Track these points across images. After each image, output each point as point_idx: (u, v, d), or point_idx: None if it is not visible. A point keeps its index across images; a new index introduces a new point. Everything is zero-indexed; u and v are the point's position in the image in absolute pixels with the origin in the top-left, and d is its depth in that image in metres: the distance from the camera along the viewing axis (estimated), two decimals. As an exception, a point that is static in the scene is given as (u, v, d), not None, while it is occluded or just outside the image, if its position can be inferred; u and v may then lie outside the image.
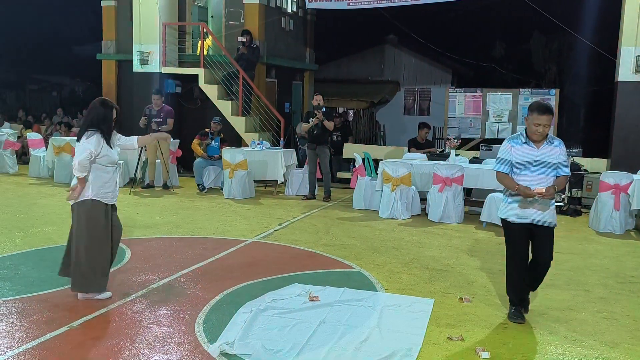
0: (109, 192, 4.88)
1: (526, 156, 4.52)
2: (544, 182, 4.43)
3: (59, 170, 11.87)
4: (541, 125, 4.42)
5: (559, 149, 4.55)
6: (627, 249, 7.42)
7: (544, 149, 4.52)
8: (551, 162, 4.50)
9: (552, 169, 4.51)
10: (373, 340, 4.15)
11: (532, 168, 4.51)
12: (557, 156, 4.52)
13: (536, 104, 4.53)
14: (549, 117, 4.40)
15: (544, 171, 4.49)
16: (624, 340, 4.35)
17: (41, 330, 4.22)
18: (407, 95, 23.08)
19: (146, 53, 13.48)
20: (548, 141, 4.53)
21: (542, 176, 4.48)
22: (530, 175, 4.50)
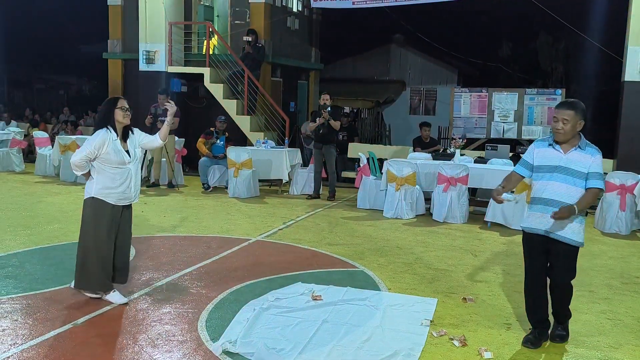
0: (114, 192, 4.70)
1: (550, 160, 4.05)
2: (568, 193, 3.95)
3: (64, 169, 11.90)
4: (559, 120, 3.97)
5: (591, 157, 3.98)
6: (633, 250, 7.39)
7: (572, 154, 4.00)
8: (579, 171, 3.95)
9: (580, 179, 3.96)
10: (375, 340, 4.15)
11: (556, 175, 4.00)
12: (589, 165, 3.95)
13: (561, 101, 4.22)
14: (570, 113, 3.94)
15: (571, 180, 3.96)
16: (628, 341, 4.33)
17: (45, 327, 4.24)
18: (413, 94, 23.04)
19: (152, 52, 13.52)
20: (578, 146, 4.00)
21: (567, 185, 3.96)
22: (552, 182, 4.01)
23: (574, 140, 4.01)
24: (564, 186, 3.97)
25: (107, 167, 4.69)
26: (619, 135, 10.80)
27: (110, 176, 4.70)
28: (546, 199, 4.03)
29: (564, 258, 4.09)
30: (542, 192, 4.07)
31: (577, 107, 3.99)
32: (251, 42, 13.13)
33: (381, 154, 11.56)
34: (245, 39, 13.23)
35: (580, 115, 3.97)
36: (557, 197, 3.97)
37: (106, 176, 4.70)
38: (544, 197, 4.04)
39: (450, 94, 12.95)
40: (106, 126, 4.71)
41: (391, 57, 23.33)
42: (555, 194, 3.98)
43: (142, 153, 5.04)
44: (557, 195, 3.97)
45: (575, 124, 3.96)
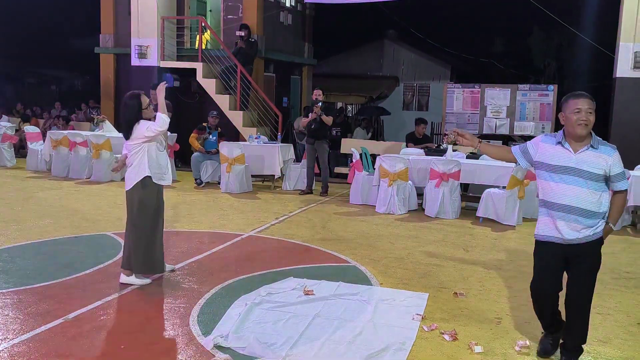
0: (163, 173, 5.23)
1: (558, 159, 3.63)
2: (579, 197, 3.56)
3: (56, 164, 11.86)
4: (583, 110, 3.53)
5: (607, 157, 3.57)
6: (623, 245, 7.44)
7: (583, 154, 3.58)
8: (592, 173, 3.54)
9: (594, 181, 3.55)
10: (367, 334, 4.16)
11: (569, 177, 3.59)
12: (605, 166, 3.56)
13: (569, 94, 3.73)
14: (593, 104, 3.56)
15: (583, 183, 3.55)
16: (617, 336, 4.37)
17: (36, 322, 4.23)
18: (406, 90, 23.08)
19: (144, 47, 13.47)
20: (590, 145, 3.58)
21: (578, 188, 3.56)
22: (561, 185, 3.61)
23: (587, 138, 3.60)
24: (574, 189, 3.58)
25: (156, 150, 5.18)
26: (610, 130, 10.87)
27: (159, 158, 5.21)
28: (555, 204, 3.65)
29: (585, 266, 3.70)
30: (550, 196, 3.67)
31: (593, 100, 3.63)
32: (244, 37, 13.10)
33: (374, 150, 11.57)
34: (238, 34, 13.20)
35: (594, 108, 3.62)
36: (566, 201, 3.59)
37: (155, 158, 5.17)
38: (553, 201, 3.65)
39: (443, 90, 12.98)
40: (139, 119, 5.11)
41: (384, 52, 23.36)
42: (565, 198, 3.59)
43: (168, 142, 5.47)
44: (567, 199, 3.59)
45: (594, 117, 3.58)
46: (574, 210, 3.58)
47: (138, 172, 5.13)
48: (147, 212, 5.14)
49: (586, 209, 3.57)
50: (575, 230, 3.61)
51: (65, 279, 5.27)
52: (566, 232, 3.62)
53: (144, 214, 5.14)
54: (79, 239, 6.75)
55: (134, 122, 5.11)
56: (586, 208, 3.57)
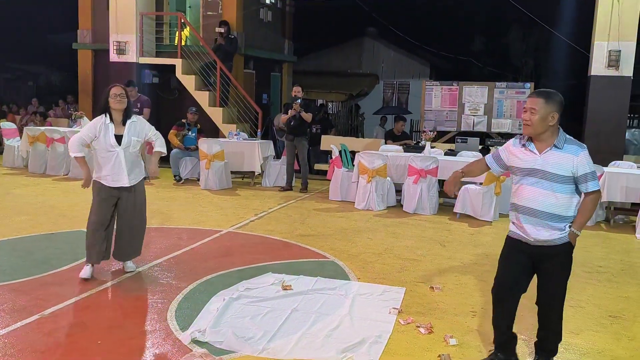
0: (106, 175, 5.13)
1: (523, 162, 3.49)
2: (544, 200, 3.41)
3: (33, 160, 11.74)
4: (527, 109, 3.41)
5: (573, 156, 3.37)
6: (596, 240, 7.58)
7: (548, 154, 3.41)
8: (557, 174, 3.37)
9: (560, 184, 3.38)
10: (344, 328, 4.21)
11: (534, 179, 3.43)
12: (573, 167, 3.36)
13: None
14: (540, 101, 3.36)
15: (547, 185, 3.39)
16: (589, 327, 4.47)
17: (12, 318, 4.20)
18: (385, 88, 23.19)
19: (123, 43, 13.36)
20: (554, 145, 3.40)
21: (541, 191, 3.40)
22: (532, 188, 3.44)
23: (550, 138, 3.41)
24: (540, 192, 3.41)
25: (98, 152, 5.13)
26: (584, 128, 11.04)
27: (101, 160, 5.13)
28: (520, 206, 3.52)
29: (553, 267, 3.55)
30: (517, 198, 3.55)
31: (550, 96, 3.41)
32: (224, 34, 13.06)
33: (353, 147, 11.63)
34: (217, 31, 13.15)
35: (553, 106, 3.38)
36: (530, 204, 3.44)
37: (99, 159, 5.14)
38: (518, 203, 3.53)
39: (422, 87, 13.08)
40: (104, 113, 5.12)
41: (364, 50, 23.44)
42: (531, 201, 3.45)
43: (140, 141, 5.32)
44: (530, 202, 3.44)
45: (546, 115, 3.36)
46: (540, 214, 3.42)
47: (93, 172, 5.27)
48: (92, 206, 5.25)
49: (553, 213, 3.41)
50: (542, 232, 3.45)
51: (42, 275, 5.24)
52: (534, 234, 3.47)
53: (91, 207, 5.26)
54: (55, 236, 6.71)
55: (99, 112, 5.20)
56: (553, 212, 3.41)
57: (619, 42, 10.50)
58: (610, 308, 4.95)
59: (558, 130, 3.43)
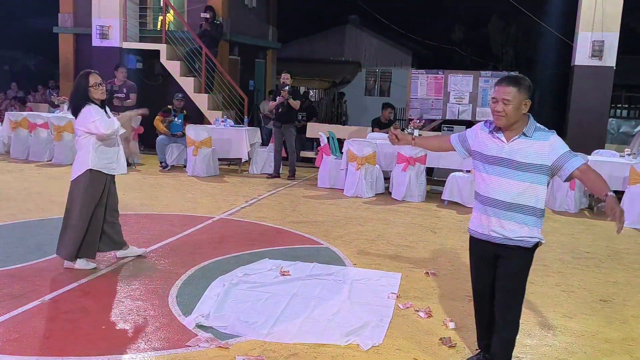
0: (109, 163, 5.04)
1: (491, 149, 3.25)
2: (511, 190, 3.16)
3: (15, 146, 11.56)
4: (498, 100, 3.15)
5: (542, 142, 3.14)
6: (582, 227, 7.75)
7: (515, 143, 3.17)
8: (526, 163, 3.13)
9: (529, 173, 3.13)
10: (345, 312, 4.26)
11: (501, 169, 3.20)
12: (542, 153, 3.12)
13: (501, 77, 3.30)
14: (512, 90, 3.11)
15: (515, 174, 3.15)
16: (581, 311, 4.59)
17: (12, 304, 4.17)
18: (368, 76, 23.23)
19: (106, 27, 13.16)
20: (522, 133, 3.17)
21: (509, 181, 3.16)
22: (498, 178, 3.21)
23: (519, 125, 3.18)
24: (506, 182, 3.18)
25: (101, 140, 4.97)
26: (568, 117, 11.22)
27: (104, 147, 4.99)
28: (486, 197, 3.27)
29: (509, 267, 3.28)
30: (482, 188, 3.30)
31: (521, 82, 3.16)
32: (209, 19, 12.96)
33: (340, 134, 11.66)
34: (202, 16, 13.04)
35: (525, 93, 3.15)
36: (497, 195, 3.20)
37: (101, 149, 4.98)
38: (484, 194, 3.28)
39: (408, 76, 13.13)
40: (87, 102, 4.90)
41: (347, 37, 23.44)
42: (496, 191, 3.20)
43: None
44: (498, 192, 3.20)
45: (519, 104, 3.12)
46: (506, 205, 3.19)
47: (82, 164, 4.99)
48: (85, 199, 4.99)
49: (520, 204, 3.17)
50: (507, 227, 3.20)
51: (37, 261, 5.20)
52: (497, 229, 3.23)
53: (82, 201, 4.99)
54: (46, 222, 6.65)
55: (80, 102, 4.92)
56: (519, 202, 3.17)
57: (602, 33, 10.66)
58: (600, 292, 5.08)
59: (528, 117, 3.20)
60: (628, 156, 8.80)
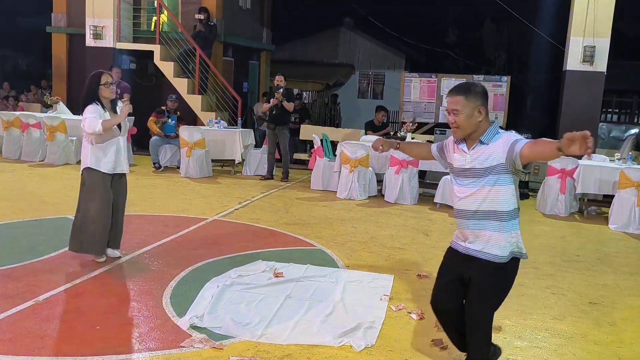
0: (107, 162, 5.08)
1: (457, 160, 3.18)
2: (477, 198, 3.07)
3: (8, 146, 11.52)
4: (449, 112, 3.09)
5: (496, 143, 3.02)
6: (572, 230, 7.83)
7: (475, 151, 3.08)
8: (488, 167, 3.02)
9: (488, 177, 3.03)
10: (338, 314, 4.30)
11: (466, 180, 3.12)
12: (500, 152, 2.99)
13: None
14: (460, 99, 3.02)
15: (478, 182, 3.06)
16: (571, 314, 4.65)
17: (7, 304, 4.18)
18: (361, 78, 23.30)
19: (99, 27, 13.15)
20: (479, 141, 3.07)
21: (473, 190, 3.07)
22: (464, 189, 3.13)
23: (477, 134, 3.06)
24: (469, 191, 3.09)
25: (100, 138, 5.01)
26: (559, 121, 11.31)
27: (102, 147, 5.04)
28: (457, 210, 3.23)
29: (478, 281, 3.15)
30: (454, 202, 3.25)
31: (470, 90, 3.04)
32: (203, 21, 12.97)
33: (333, 137, 11.71)
34: (197, 17, 13.05)
35: (475, 100, 3.02)
36: (463, 206, 3.13)
37: (99, 147, 5.04)
38: (455, 207, 3.24)
39: (401, 79, 13.19)
40: (93, 101, 5.00)
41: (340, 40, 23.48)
42: (462, 203, 3.14)
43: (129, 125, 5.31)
44: (463, 203, 3.13)
45: (470, 112, 3.01)
46: (472, 214, 3.10)
47: (83, 161, 5.14)
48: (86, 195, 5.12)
49: (484, 210, 3.06)
50: (480, 238, 3.10)
51: (31, 261, 5.20)
52: (468, 242, 3.16)
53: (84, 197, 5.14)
54: (39, 222, 6.64)
55: (86, 101, 5.05)
56: (483, 209, 3.06)
57: (593, 39, 10.75)
58: (590, 295, 5.14)
59: (492, 123, 3.08)
60: (618, 161, 8.89)
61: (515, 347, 3.97)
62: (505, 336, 4.14)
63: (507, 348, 3.95)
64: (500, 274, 3.13)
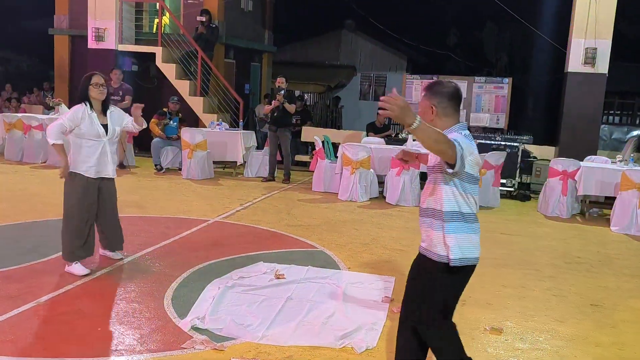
0: (89, 166, 4.94)
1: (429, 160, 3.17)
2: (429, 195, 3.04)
3: (10, 147, 11.56)
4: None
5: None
6: (574, 232, 7.82)
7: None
8: (430, 166, 3.08)
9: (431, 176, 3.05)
10: (339, 316, 4.30)
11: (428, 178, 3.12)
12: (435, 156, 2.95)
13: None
14: (421, 96, 3.06)
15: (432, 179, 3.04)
16: (572, 316, 4.65)
17: (8, 305, 4.19)
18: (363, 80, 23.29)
19: (102, 29, 13.17)
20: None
21: (429, 186, 3.07)
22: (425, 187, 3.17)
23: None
24: (428, 189, 3.08)
25: (83, 141, 4.93)
26: (561, 123, 11.30)
27: (86, 149, 4.94)
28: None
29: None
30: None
31: (430, 87, 3.04)
32: (205, 23, 12.99)
33: (334, 139, 11.72)
34: (199, 19, 13.07)
35: (429, 98, 3.00)
36: (424, 204, 3.11)
37: (82, 150, 4.94)
38: None
39: (402, 80, 13.18)
40: (83, 102, 4.95)
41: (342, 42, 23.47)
42: (423, 201, 3.12)
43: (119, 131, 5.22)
44: (424, 201, 3.10)
45: (425, 109, 3.00)
46: (423, 211, 3.10)
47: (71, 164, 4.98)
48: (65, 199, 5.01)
49: (428, 207, 3.04)
50: (426, 236, 3.08)
51: (32, 263, 5.21)
52: (422, 240, 3.16)
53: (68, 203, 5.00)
54: (41, 223, 6.66)
55: (77, 101, 5.00)
56: (428, 206, 3.04)
57: (595, 40, 10.75)
58: (591, 297, 5.14)
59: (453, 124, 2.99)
60: (620, 162, 8.89)
61: (517, 349, 3.97)
62: (507, 338, 4.14)
63: (508, 350, 3.95)
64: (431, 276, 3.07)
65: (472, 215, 3.00)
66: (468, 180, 2.93)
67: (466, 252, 2.96)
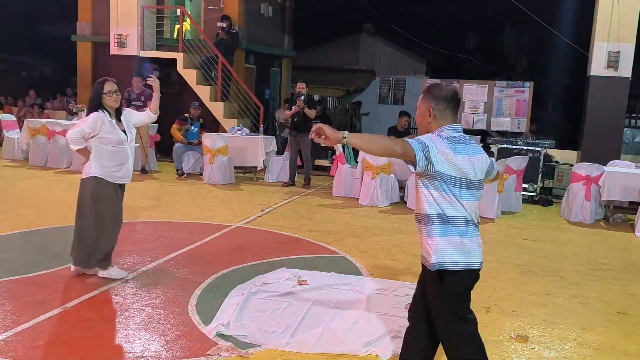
0: (114, 172, 4.96)
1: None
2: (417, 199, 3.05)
3: (34, 153, 11.72)
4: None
5: None
6: (598, 238, 7.72)
7: None
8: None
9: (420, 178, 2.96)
10: (363, 323, 4.29)
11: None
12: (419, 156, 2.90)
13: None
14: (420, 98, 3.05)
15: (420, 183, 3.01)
16: (599, 324, 4.59)
17: (35, 311, 4.25)
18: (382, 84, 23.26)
19: (124, 36, 13.33)
20: None
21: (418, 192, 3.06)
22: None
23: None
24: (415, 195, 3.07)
25: (107, 147, 4.92)
26: (583, 127, 11.18)
27: (109, 155, 4.94)
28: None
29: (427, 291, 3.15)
30: None
31: (427, 90, 3.03)
32: (225, 28, 13.09)
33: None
34: (219, 25, 13.17)
35: (426, 101, 2.99)
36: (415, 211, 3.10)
37: (106, 156, 4.92)
38: None
39: (422, 84, 13.14)
40: (99, 109, 4.92)
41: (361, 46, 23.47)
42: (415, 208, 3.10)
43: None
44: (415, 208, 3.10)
45: (423, 112, 3.00)
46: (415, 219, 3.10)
47: (89, 167, 4.97)
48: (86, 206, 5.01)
49: (416, 213, 3.05)
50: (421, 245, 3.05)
51: (58, 268, 5.29)
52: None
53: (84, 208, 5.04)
54: (67, 229, 6.71)
55: (92, 109, 4.95)
56: (416, 212, 3.06)
57: (618, 44, 10.63)
58: (618, 305, 5.07)
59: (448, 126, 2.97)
60: (644, 167, 8.77)
61: (544, 357, 3.93)
62: (533, 346, 4.10)
63: (535, 358, 3.92)
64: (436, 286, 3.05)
65: (460, 219, 2.91)
66: (452, 183, 2.86)
67: (449, 257, 2.90)
